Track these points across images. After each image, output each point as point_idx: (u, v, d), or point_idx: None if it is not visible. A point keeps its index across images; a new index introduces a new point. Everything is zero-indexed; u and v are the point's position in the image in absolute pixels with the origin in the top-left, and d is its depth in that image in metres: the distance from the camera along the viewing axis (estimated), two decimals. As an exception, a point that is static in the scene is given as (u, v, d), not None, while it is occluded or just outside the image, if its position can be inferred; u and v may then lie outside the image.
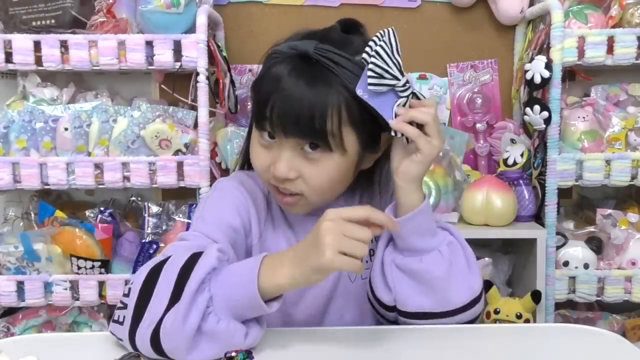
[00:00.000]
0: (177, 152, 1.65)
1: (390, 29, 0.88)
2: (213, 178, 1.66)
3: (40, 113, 1.64)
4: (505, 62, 1.93)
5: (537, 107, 1.63)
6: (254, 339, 0.83)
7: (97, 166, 1.64)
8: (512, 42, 1.92)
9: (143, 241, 1.72)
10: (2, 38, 1.61)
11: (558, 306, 1.74)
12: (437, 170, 1.72)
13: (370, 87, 0.88)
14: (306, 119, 0.88)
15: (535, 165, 1.75)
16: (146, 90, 1.90)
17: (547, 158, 1.68)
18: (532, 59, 1.66)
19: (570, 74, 1.80)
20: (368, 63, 0.87)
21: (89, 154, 1.65)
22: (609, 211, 1.74)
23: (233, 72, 1.79)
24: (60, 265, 1.65)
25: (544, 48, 1.69)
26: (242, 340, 0.81)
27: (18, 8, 1.61)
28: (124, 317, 0.83)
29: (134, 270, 1.67)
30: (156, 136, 1.62)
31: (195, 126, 1.66)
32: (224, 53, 1.73)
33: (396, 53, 0.88)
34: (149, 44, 1.62)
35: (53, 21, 1.61)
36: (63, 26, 1.62)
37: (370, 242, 0.83)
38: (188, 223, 1.71)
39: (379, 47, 0.87)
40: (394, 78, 0.88)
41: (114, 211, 1.76)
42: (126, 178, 1.64)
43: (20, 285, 1.64)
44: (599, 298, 1.70)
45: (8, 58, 1.62)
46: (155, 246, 1.69)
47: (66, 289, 1.64)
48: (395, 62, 0.88)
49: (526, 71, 1.66)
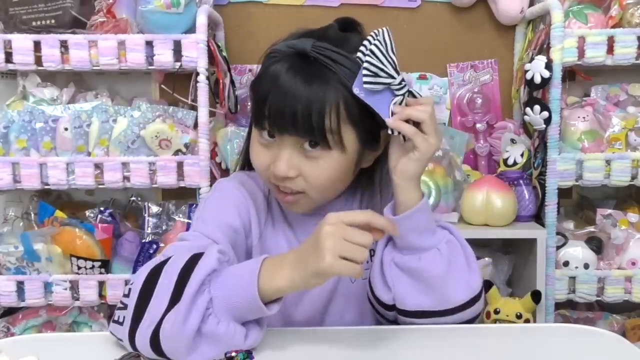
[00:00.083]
0: (177, 152, 1.65)
1: (384, 29, 0.89)
2: (213, 178, 1.66)
3: (40, 113, 1.64)
4: (505, 62, 1.93)
5: (537, 107, 1.63)
6: (254, 341, 0.83)
7: (97, 166, 1.63)
8: (512, 42, 1.92)
9: (143, 241, 1.72)
10: (2, 38, 1.61)
11: (558, 306, 1.74)
12: (437, 170, 1.72)
13: (365, 86, 0.89)
14: (304, 117, 0.88)
15: (535, 165, 1.75)
16: (146, 90, 1.90)
17: (547, 158, 1.68)
18: (532, 59, 1.66)
19: (570, 74, 1.80)
20: (363, 62, 0.88)
21: (89, 154, 1.65)
22: (609, 211, 1.74)
23: (233, 72, 1.79)
24: (60, 265, 1.65)
25: (544, 48, 1.69)
26: (242, 341, 0.81)
27: (18, 8, 1.61)
28: (124, 318, 0.83)
29: (134, 270, 1.67)
30: (156, 136, 1.62)
31: (195, 126, 1.66)
32: (224, 53, 1.73)
33: (391, 52, 0.89)
34: (149, 44, 1.62)
35: (53, 21, 1.61)
36: (63, 26, 1.62)
37: (370, 247, 0.83)
38: (188, 223, 1.71)
39: (374, 46, 0.88)
40: (389, 76, 0.89)
41: (114, 211, 1.76)
42: (126, 178, 1.64)
43: (20, 285, 1.64)
44: (599, 298, 1.70)
45: (8, 58, 1.62)
46: (155, 246, 1.69)
47: (66, 289, 1.64)
48: (390, 61, 0.89)
49: (526, 71, 1.66)
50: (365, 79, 0.88)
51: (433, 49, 1.92)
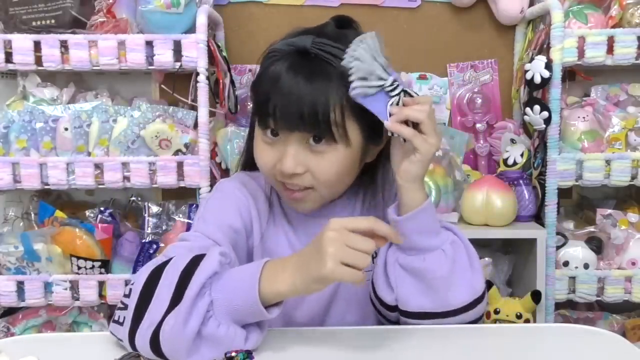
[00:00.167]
0: (177, 152, 1.65)
1: (369, 33, 0.90)
2: (213, 178, 1.66)
3: (40, 113, 1.64)
4: (505, 62, 1.93)
5: (537, 107, 1.63)
6: (254, 343, 0.83)
7: (97, 166, 1.63)
8: (512, 42, 1.92)
9: (143, 241, 1.72)
10: (2, 38, 1.61)
11: (558, 306, 1.74)
12: (437, 170, 1.72)
13: (357, 91, 0.89)
14: (309, 113, 0.89)
15: (535, 165, 1.75)
16: (146, 90, 1.90)
17: (547, 158, 1.68)
18: (532, 59, 1.66)
19: (570, 74, 1.80)
20: (349, 69, 0.89)
21: (89, 154, 1.64)
22: (609, 211, 1.74)
23: (233, 72, 1.79)
24: (60, 265, 1.65)
25: (544, 48, 1.69)
26: (242, 344, 0.81)
27: (18, 8, 1.60)
28: (124, 318, 0.83)
29: (134, 270, 1.67)
30: (156, 136, 1.62)
31: (195, 126, 1.66)
32: (224, 53, 1.73)
33: (378, 55, 0.89)
34: (149, 44, 1.62)
35: (53, 21, 1.61)
36: (63, 26, 1.62)
37: (373, 254, 0.82)
38: (188, 223, 1.71)
39: (358, 52, 0.88)
40: (380, 79, 0.89)
41: (114, 211, 1.76)
42: (126, 178, 1.64)
43: (20, 285, 1.64)
44: (599, 298, 1.70)
45: (8, 58, 1.62)
46: (155, 246, 1.69)
47: (66, 289, 1.64)
48: (378, 63, 0.89)
49: (526, 71, 1.66)
50: (354, 85, 0.89)
51: (433, 49, 1.92)
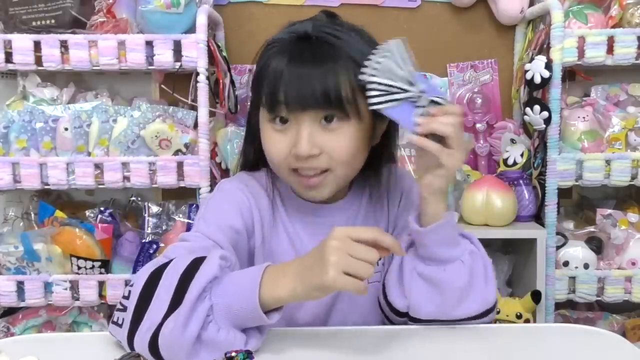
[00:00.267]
0: (177, 152, 1.65)
1: (393, 41, 0.88)
2: (213, 178, 1.66)
3: (40, 113, 1.64)
4: (505, 62, 1.93)
5: (537, 107, 1.63)
6: (254, 347, 0.83)
7: (97, 166, 1.63)
8: (512, 42, 1.92)
9: (143, 241, 1.72)
10: (2, 38, 1.61)
11: (558, 306, 1.74)
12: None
13: (380, 106, 0.88)
14: (321, 91, 0.89)
15: (535, 165, 1.75)
16: (146, 90, 1.90)
17: (547, 158, 1.68)
18: (532, 59, 1.66)
19: (570, 74, 1.80)
20: (368, 82, 0.87)
21: (89, 154, 1.65)
22: (609, 211, 1.74)
23: (233, 72, 1.79)
24: (60, 265, 1.65)
25: (544, 48, 1.69)
26: (242, 348, 0.81)
27: (18, 8, 1.61)
28: (123, 320, 0.83)
29: (134, 270, 1.67)
30: (156, 136, 1.62)
31: (195, 126, 1.66)
32: (224, 53, 1.73)
33: (404, 64, 0.87)
34: (149, 44, 1.62)
35: (53, 21, 1.61)
36: (63, 26, 1.62)
37: (376, 264, 0.81)
38: (188, 223, 1.71)
39: (378, 64, 0.87)
40: (403, 91, 0.87)
41: (114, 211, 1.76)
42: (126, 178, 1.64)
43: (20, 285, 1.64)
44: (599, 298, 1.70)
45: (8, 58, 1.62)
46: (155, 246, 1.69)
47: (66, 289, 1.64)
48: (402, 74, 0.87)
49: (526, 71, 1.66)
50: (373, 100, 0.87)
51: (433, 49, 1.92)
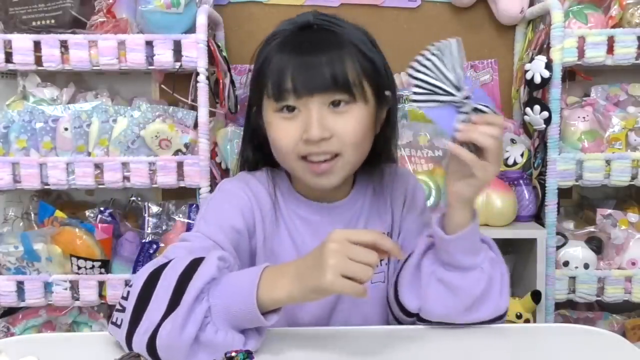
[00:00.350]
0: (177, 152, 1.65)
1: (446, 42, 0.87)
2: (213, 178, 1.66)
3: (40, 113, 1.64)
4: (505, 62, 1.93)
5: (537, 107, 1.63)
6: (253, 348, 0.82)
7: (97, 166, 1.63)
8: (512, 42, 1.92)
9: (143, 241, 1.72)
10: (2, 38, 1.61)
11: (558, 306, 1.74)
12: (437, 170, 1.72)
13: (420, 104, 0.86)
14: (330, 75, 0.91)
15: (535, 165, 1.75)
16: (146, 90, 1.90)
17: (547, 158, 1.68)
18: (532, 59, 1.66)
19: (570, 74, 1.80)
20: (414, 78, 0.86)
21: (89, 154, 1.64)
22: (609, 211, 1.74)
23: (233, 72, 1.79)
24: (60, 265, 1.65)
25: (544, 48, 1.69)
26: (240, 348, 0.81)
27: (18, 8, 1.61)
28: (122, 320, 0.83)
29: (134, 270, 1.67)
30: (156, 136, 1.62)
31: (195, 126, 1.66)
32: (224, 53, 1.73)
33: (454, 66, 0.86)
34: (149, 44, 1.62)
35: (53, 21, 1.61)
36: (63, 26, 1.62)
37: (376, 266, 0.81)
38: (188, 223, 1.71)
39: (429, 62, 0.86)
40: (448, 94, 0.85)
41: (114, 211, 1.76)
42: (126, 178, 1.64)
43: (20, 285, 1.64)
44: (599, 298, 1.70)
45: (8, 58, 1.62)
46: (155, 246, 1.69)
47: (66, 289, 1.64)
48: (451, 77, 0.85)
49: (526, 71, 1.66)
50: (416, 97, 0.86)
51: (433, 49, 1.91)
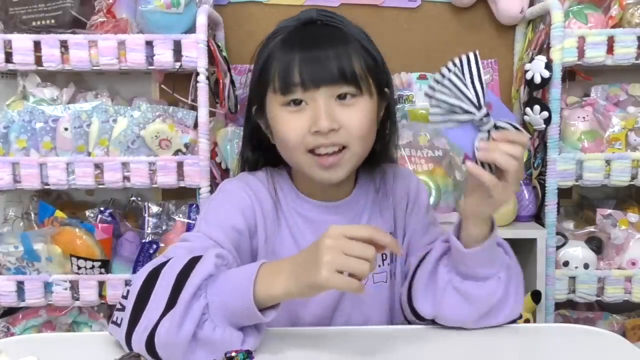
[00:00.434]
0: (177, 152, 1.65)
1: (471, 54, 0.84)
2: (213, 178, 1.66)
3: (40, 113, 1.64)
4: (505, 62, 1.93)
5: (537, 107, 1.63)
6: (252, 346, 0.83)
7: (97, 166, 1.63)
8: (512, 42, 1.92)
9: (143, 241, 1.72)
10: (2, 38, 1.61)
11: (558, 306, 1.74)
12: (437, 170, 1.72)
13: (439, 124, 0.85)
14: (337, 67, 0.92)
15: (535, 165, 1.75)
16: (146, 90, 1.90)
17: (547, 158, 1.68)
18: (532, 59, 1.66)
19: (570, 74, 1.80)
20: (432, 98, 0.84)
21: (89, 154, 1.64)
22: (609, 211, 1.74)
23: (233, 72, 1.79)
24: (60, 265, 1.65)
25: (544, 48, 1.69)
26: (239, 347, 0.81)
27: (18, 8, 1.61)
28: (122, 320, 0.83)
29: (134, 270, 1.67)
30: (156, 136, 1.62)
31: (195, 126, 1.66)
32: (224, 53, 1.73)
33: (473, 81, 0.83)
34: (149, 44, 1.62)
35: (53, 21, 1.61)
36: (63, 26, 1.62)
37: (374, 260, 0.80)
38: (188, 223, 1.71)
39: (447, 80, 0.83)
40: (467, 113, 0.83)
41: (114, 211, 1.76)
42: (126, 178, 1.64)
43: (20, 285, 1.64)
44: (599, 298, 1.70)
45: (8, 58, 1.62)
46: (155, 246, 1.69)
47: (66, 289, 1.64)
48: (470, 95, 0.83)
49: (526, 71, 1.66)
50: (434, 118, 0.84)
51: (433, 49, 1.91)
